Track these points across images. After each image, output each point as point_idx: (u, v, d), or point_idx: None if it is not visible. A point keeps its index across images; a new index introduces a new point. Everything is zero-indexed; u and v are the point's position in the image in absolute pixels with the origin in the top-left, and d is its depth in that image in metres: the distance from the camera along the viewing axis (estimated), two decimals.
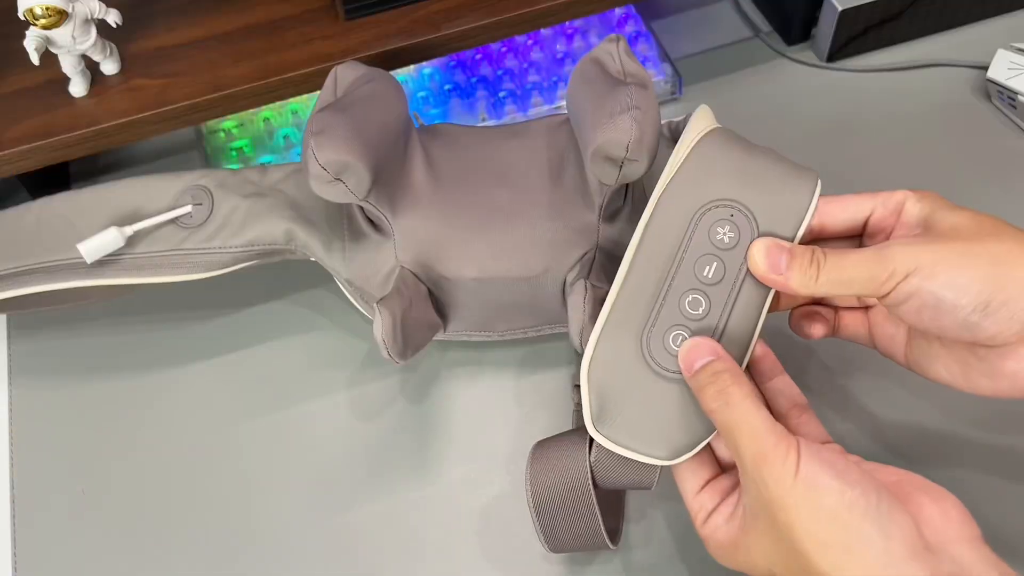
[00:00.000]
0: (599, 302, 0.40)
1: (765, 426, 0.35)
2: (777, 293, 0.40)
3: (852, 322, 0.43)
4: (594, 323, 0.40)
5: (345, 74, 0.49)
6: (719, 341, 0.39)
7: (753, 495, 0.35)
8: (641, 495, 0.47)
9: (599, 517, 0.40)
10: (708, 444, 0.39)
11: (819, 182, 0.41)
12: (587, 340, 0.40)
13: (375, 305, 0.43)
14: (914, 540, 0.32)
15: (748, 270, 0.39)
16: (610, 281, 0.41)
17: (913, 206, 0.39)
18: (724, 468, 0.40)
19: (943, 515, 0.34)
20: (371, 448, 0.50)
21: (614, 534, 0.43)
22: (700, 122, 0.42)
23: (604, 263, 0.48)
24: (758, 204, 0.40)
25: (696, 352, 0.38)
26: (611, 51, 0.48)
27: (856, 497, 0.33)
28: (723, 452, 0.40)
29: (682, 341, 0.39)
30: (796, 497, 0.33)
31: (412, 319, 0.45)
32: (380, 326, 0.43)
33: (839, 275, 0.37)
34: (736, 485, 0.38)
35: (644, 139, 0.42)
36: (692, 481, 0.39)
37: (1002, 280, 0.35)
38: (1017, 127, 0.61)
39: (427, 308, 0.48)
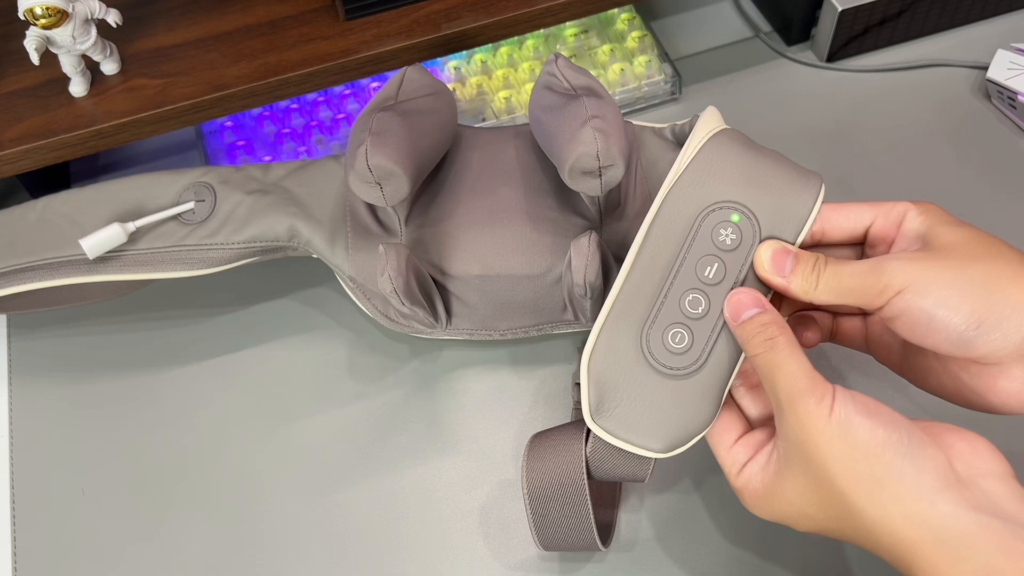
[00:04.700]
0: (601, 248, 0.42)
1: (804, 369, 0.36)
2: (774, 297, 0.40)
3: (850, 329, 0.44)
4: (597, 268, 0.42)
5: (413, 77, 0.49)
6: (716, 341, 0.39)
7: (788, 437, 0.36)
8: (636, 495, 0.47)
9: (590, 511, 0.41)
10: (737, 405, 0.41)
11: (822, 187, 0.41)
12: (591, 278, 0.41)
13: (381, 245, 0.43)
14: (945, 472, 0.33)
15: (748, 272, 0.40)
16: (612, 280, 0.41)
17: (913, 219, 0.39)
18: (753, 427, 0.41)
19: (973, 451, 0.35)
20: (372, 446, 0.50)
21: (605, 534, 0.43)
22: (708, 123, 0.43)
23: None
24: (762, 207, 0.40)
25: (743, 304, 0.39)
26: (553, 72, 0.48)
27: (888, 434, 0.34)
28: (752, 411, 0.41)
29: (681, 339, 0.39)
30: (830, 435, 0.34)
31: (416, 268, 0.45)
32: (387, 262, 0.43)
33: (836, 284, 0.38)
34: (768, 438, 0.39)
35: (611, 144, 0.42)
36: (725, 437, 0.40)
37: (995, 301, 0.35)
38: (1017, 127, 0.61)
39: (429, 285, 0.48)
